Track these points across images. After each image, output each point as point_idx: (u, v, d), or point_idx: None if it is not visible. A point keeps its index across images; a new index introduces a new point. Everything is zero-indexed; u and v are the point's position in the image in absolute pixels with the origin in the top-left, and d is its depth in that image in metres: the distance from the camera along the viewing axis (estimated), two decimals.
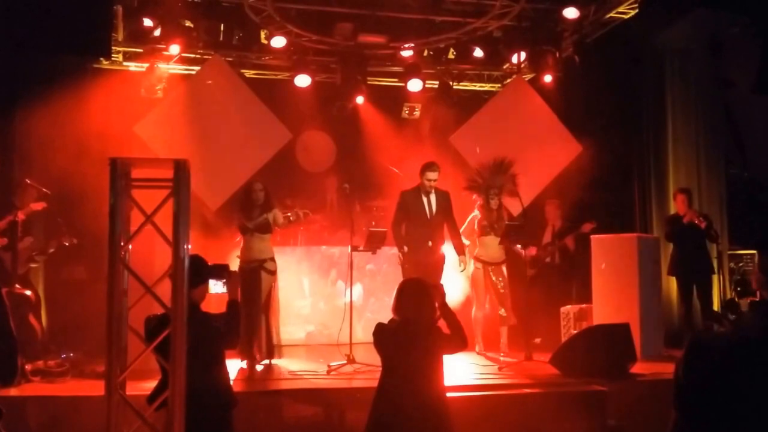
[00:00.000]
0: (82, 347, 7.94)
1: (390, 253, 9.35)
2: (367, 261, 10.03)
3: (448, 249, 8.61)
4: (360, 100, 11.30)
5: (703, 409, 2.05)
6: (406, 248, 8.28)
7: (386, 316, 4.87)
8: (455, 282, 8.72)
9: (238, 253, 8.27)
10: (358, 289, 9.99)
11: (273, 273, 8.26)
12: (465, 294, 9.10)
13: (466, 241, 8.73)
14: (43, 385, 6.77)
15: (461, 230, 8.73)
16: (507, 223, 8.99)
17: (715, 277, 9.53)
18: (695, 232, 9.09)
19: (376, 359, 4.95)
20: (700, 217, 9.09)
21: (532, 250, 9.70)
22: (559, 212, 10.26)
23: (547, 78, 10.74)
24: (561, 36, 10.64)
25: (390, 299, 4.90)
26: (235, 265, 8.02)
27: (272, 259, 8.22)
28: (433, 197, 8.45)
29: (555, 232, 10.19)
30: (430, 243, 8.32)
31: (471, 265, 8.84)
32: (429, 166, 8.45)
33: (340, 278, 10.13)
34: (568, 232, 9.98)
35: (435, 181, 8.41)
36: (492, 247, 8.83)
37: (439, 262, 8.45)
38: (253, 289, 8.02)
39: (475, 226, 8.86)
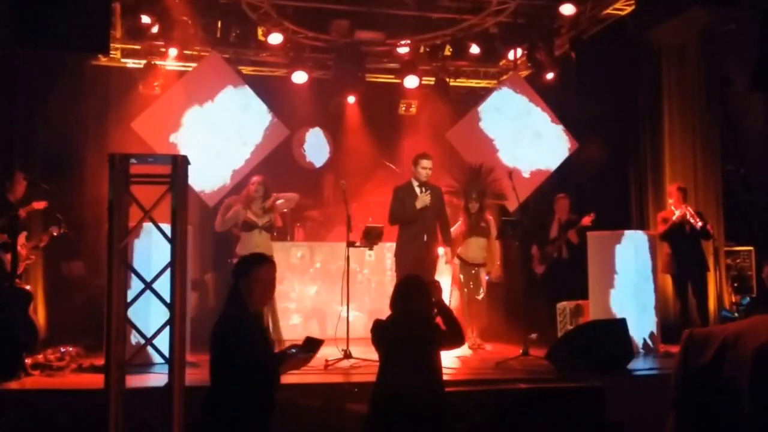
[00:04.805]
0: (82, 341, 7.96)
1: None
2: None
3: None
4: (351, 99, 11.37)
5: (699, 406, 2.07)
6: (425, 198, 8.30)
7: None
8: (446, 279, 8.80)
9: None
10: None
11: None
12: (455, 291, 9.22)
13: None
14: (42, 378, 6.79)
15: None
16: (504, 219, 9.04)
17: (710, 274, 9.53)
18: (689, 229, 9.10)
19: (371, 354, 4.98)
20: (696, 216, 9.08)
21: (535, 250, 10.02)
22: (568, 206, 10.28)
23: (549, 75, 10.77)
24: (557, 32, 10.67)
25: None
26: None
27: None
28: (426, 190, 8.47)
29: (561, 226, 10.20)
30: (425, 237, 8.31)
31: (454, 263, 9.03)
32: (423, 155, 8.52)
33: (336, 274, 10.14)
34: (570, 226, 9.99)
35: (431, 169, 8.45)
36: (473, 249, 9.01)
37: (434, 258, 8.46)
38: None
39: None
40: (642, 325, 8.54)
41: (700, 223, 9.03)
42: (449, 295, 8.87)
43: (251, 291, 4.23)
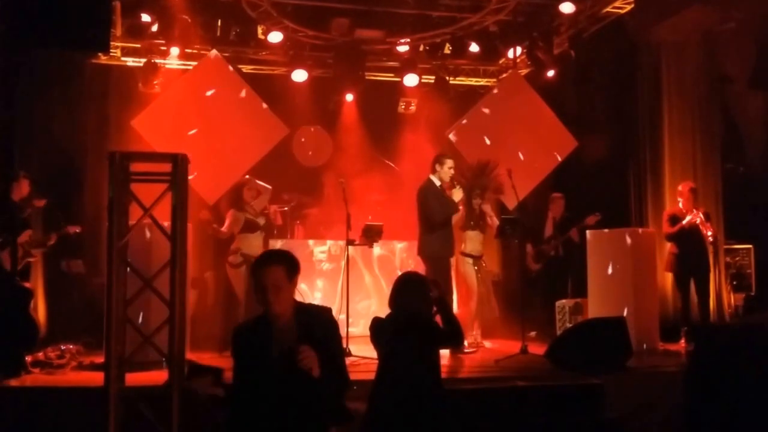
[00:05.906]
0: (82, 339, 7.98)
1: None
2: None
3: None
4: (349, 97, 11.38)
5: (711, 402, 2.08)
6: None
7: None
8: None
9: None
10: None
11: None
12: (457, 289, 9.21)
13: None
14: (43, 376, 6.81)
15: None
16: (503, 216, 9.06)
17: (710, 273, 9.53)
18: (695, 229, 9.08)
19: (371, 352, 4.98)
20: (706, 223, 9.05)
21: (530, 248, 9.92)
22: (563, 206, 10.27)
23: (550, 73, 10.78)
24: (557, 31, 10.67)
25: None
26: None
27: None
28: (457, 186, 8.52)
29: (556, 225, 10.20)
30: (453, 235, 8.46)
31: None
32: (446, 155, 8.63)
33: (335, 272, 10.17)
34: (570, 225, 9.99)
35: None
36: (474, 242, 8.98)
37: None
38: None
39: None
40: (641, 323, 8.56)
41: (711, 238, 9.02)
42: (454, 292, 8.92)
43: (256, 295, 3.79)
